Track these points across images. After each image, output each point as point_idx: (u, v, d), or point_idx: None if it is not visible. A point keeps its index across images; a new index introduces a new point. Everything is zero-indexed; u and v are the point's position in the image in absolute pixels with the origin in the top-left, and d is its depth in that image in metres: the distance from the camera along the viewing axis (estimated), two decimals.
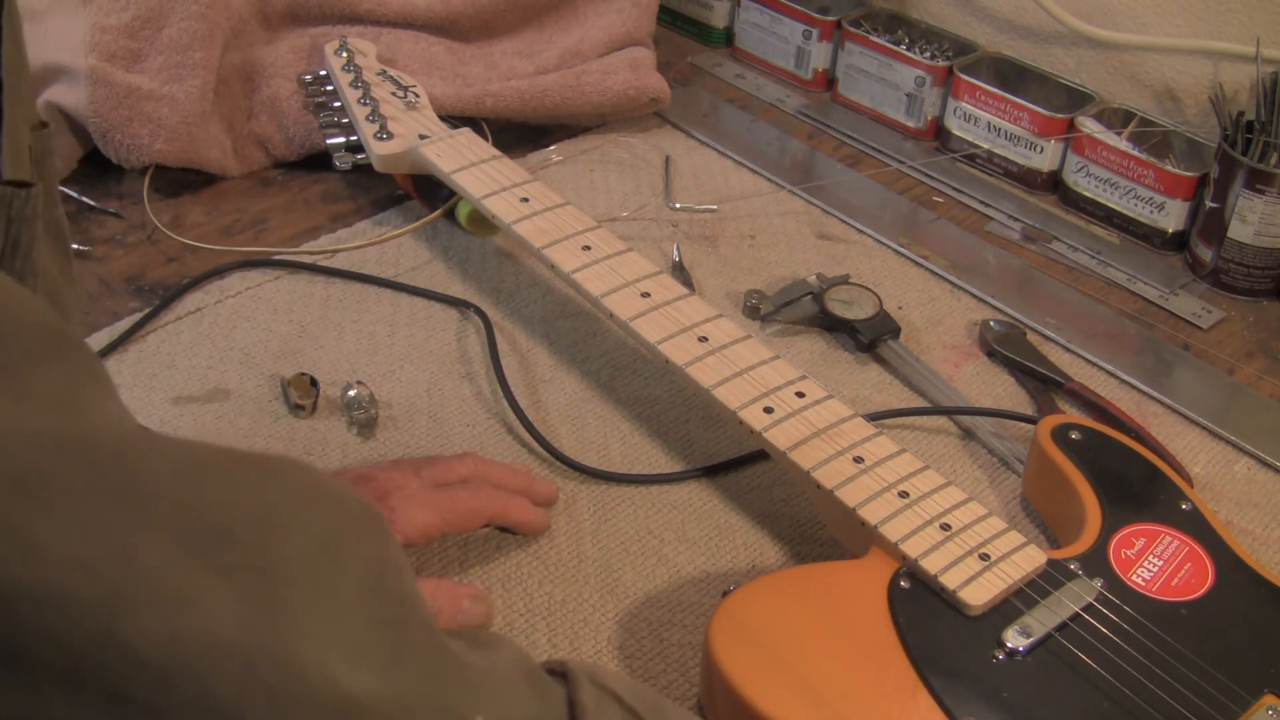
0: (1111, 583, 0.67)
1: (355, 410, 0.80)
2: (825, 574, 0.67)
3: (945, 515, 0.67)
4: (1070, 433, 0.75)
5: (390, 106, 0.97)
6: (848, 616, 0.63)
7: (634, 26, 1.14)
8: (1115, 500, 0.71)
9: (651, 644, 0.69)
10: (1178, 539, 0.70)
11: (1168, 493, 0.73)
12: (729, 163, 1.09)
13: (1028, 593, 0.65)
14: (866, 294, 0.91)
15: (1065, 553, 0.68)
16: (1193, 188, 0.99)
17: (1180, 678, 0.62)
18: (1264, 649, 0.64)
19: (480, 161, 0.90)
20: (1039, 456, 0.76)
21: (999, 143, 1.09)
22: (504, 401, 0.81)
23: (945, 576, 0.64)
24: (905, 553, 0.65)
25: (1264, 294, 0.98)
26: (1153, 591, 0.67)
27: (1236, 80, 1.03)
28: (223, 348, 0.85)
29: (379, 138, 0.94)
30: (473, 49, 1.14)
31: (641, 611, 0.70)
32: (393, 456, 0.78)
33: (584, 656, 0.67)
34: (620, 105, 1.09)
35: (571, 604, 0.70)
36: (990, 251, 1.01)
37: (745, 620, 0.62)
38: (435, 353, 0.86)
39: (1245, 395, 0.89)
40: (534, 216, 0.84)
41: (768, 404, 0.72)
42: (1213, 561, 0.69)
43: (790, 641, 0.61)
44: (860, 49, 1.15)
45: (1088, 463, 0.73)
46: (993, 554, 0.66)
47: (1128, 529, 0.70)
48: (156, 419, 0.79)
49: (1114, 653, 0.63)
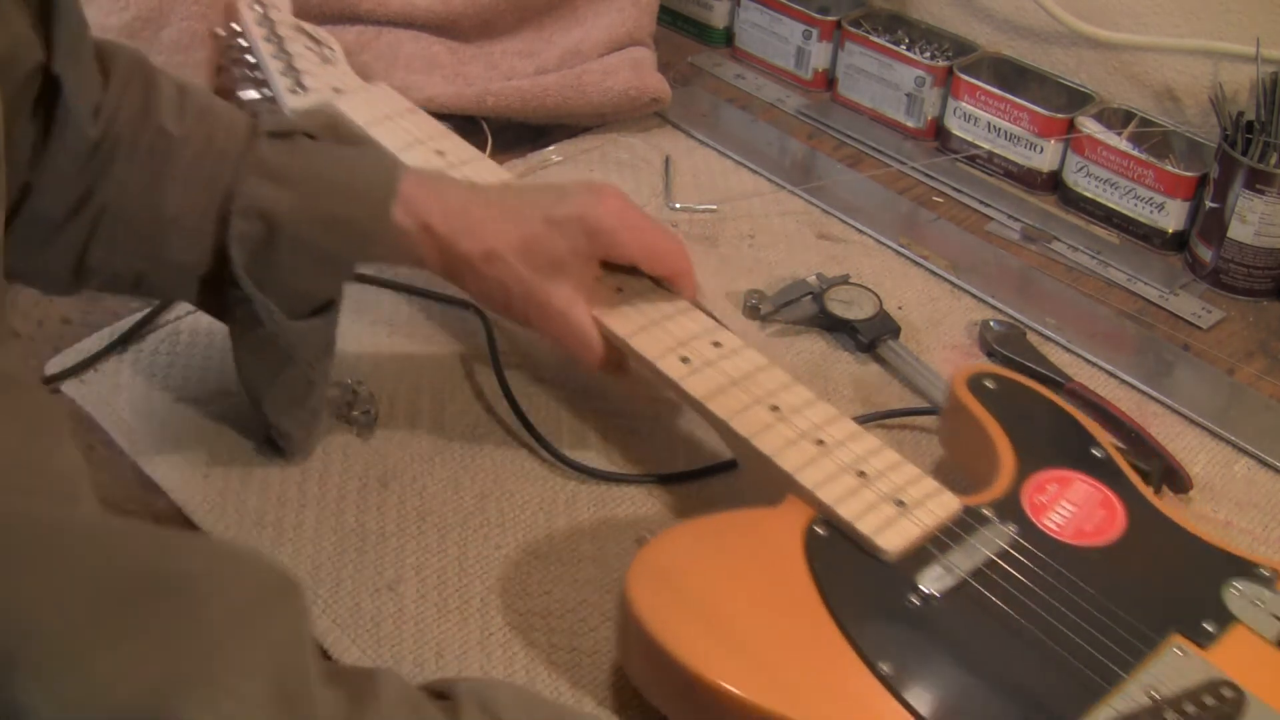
0: (1025, 528, 0.67)
1: (355, 410, 0.80)
2: (742, 521, 0.67)
3: (861, 462, 0.68)
4: (985, 381, 0.76)
5: (305, 61, 0.96)
6: (764, 563, 0.64)
7: (634, 26, 1.14)
8: (1029, 447, 0.72)
9: None
10: (1090, 485, 0.71)
11: (1081, 440, 0.73)
12: (729, 163, 1.09)
13: (942, 539, 0.66)
14: (866, 294, 0.91)
15: (980, 499, 0.69)
16: (1193, 188, 0.99)
17: (1091, 620, 0.63)
18: (1173, 592, 0.65)
19: (395, 115, 0.90)
20: (954, 405, 0.76)
21: (999, 143, 1.09)
22: (504, 401, 0.81)
23: (861, 522, 0.65)
24: (821, 499, 0.66)
25: (1264, 294, 0.98)
26: (1065, 536, 0.67)
27: (1236, 80, 1.03)
28: (223, 348, 0.84)
29: (293, 91, 0.93)
30: (473, 49, 1.14)
31: None
32: (392, 456, 0.78)
33: (582, 657, 0.67)
34: (621, 105, 1.09)
35: (571, 604, 0.70)
36: (990, 251, 1.01)
37: (662, 568, 0.63)
38: (435, 353, 0.86)
39: (1245, 395, 0.89)
40: (449, 171, 0.85)
41: (684, 354, 0.73)
42: (1125, 507, 0.70)
43: (706, 588, 0.62)
44: (860, 49, 1.15)
45: (1002, 411, 0.74)
46: (908, 500, 0.66)
47: (1041, 475, 0.70)
48: (157, 419, 0.79)
49: (1027, 596, 0.64)
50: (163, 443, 0.77)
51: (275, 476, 0.76)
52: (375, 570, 0.71)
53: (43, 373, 0.81)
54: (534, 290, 0.73)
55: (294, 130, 0.71)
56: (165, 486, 0.75)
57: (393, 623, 0.68)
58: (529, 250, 0.73)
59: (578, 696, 0.65)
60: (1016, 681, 0.60)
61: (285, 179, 0.69)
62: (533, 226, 0.73)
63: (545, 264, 0.73)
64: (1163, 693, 0.60)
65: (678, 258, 0.77)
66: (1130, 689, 0.60)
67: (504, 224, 0.73)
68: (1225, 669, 0.61)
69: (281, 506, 0.74)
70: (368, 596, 0.69)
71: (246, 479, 0.76)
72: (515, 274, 0.73)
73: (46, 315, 0.86)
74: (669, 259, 0.77)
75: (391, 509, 0.74)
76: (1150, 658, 0.61)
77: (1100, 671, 0.60)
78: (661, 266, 0.77)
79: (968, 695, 0.59)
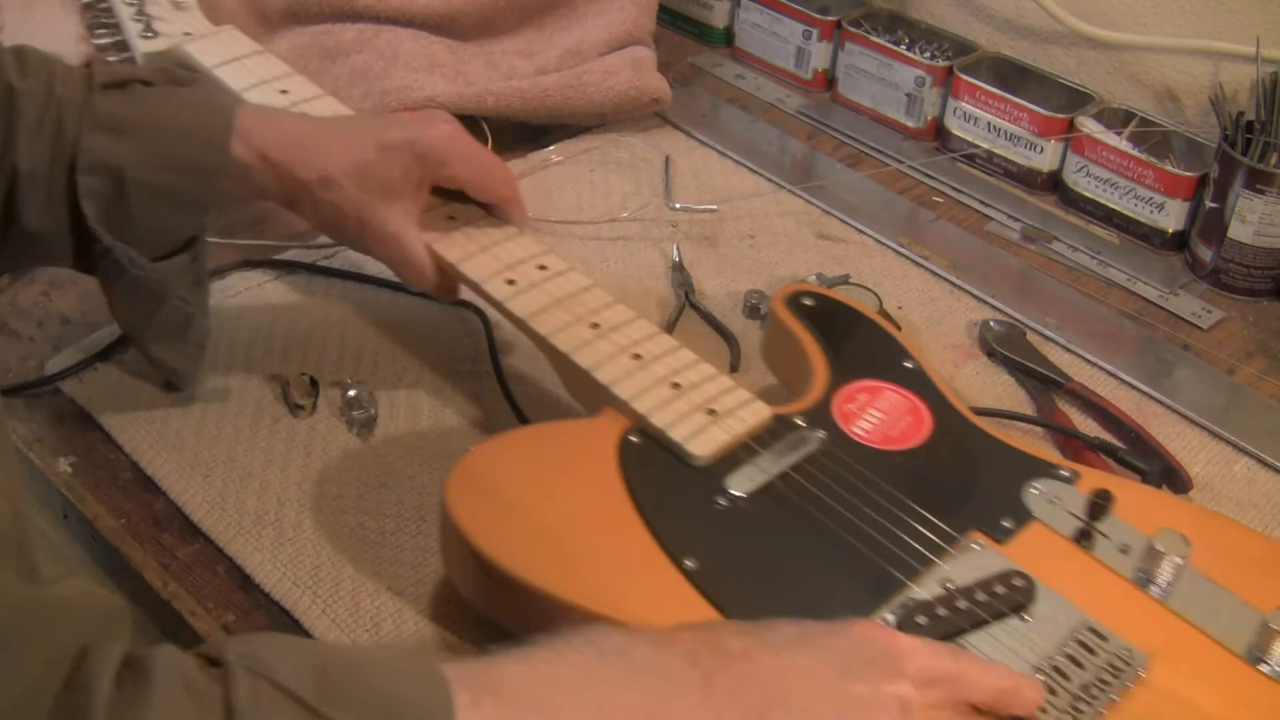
0: (833, 434, 0.71)
1: (355, 410, 0.80)
2: (559, 431, 0.72)
3: (676, 375, 0.71)
4: (803, 299, 0.80)
5: (156, 7, 1.00)
6: (579, 469, 0.67)
7: (634, 25, 1.14)
8: (842, 361, 0.76)
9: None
10: (899, 394, 0.74)
11: (892, 353, 0.78)
12: (729, 163, 1.09)
13: (752, 445, 0.69)
14: (866, 294, 0.91)
15: (791, 408, 0.72)
16: (1193, 188, 0.99)
17: (893, 519, 0.66)
18: (975, 492, 0.69)
19: (242, 56, 0.93)
20: (774, 323, 0.80)
21: (999, 143, 1.09)
22: (504, 401, 0.81)
23: (672, 430, 0.68)
24: (635, 409, 0.69)
25: (1264, 294, 0.98)
26: (872, 441, 0.71)
27: (1236, 80, 1.03)
28: (223, 348, 0.85)
29: (144, 36, 0.96)
30: (473, 48, 1.14)
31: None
32: (392, 456, 0.78)
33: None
34: (621, 105, 1.09)
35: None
36: (990, 251, 1.01)
37: (480, 476, 0.65)
38: (435, 353, 0.86)
39: (1245, 395, 0.89)
40: (293, 109, 0.88)
41: (511, 276, 0.76)
42: (932, 414, 0.73)
43: (523, 494, 0.65)
44: (860, 49, 1.15)
45: (818, 327, 0.78)
46: (720, 409, 0.70)
47: (852, 385, 0.74)
48: (157, 419, 0.79)
49: (832, 498, 0.67)
50: (162, 443, 0.77)
51: (275, 476, 0.76)
52: (375, 570, 0.71)
53: (43, 373, 0.81)
54: (368, 214, 0.76)
55: (129, 79, 0.74)
56: (165, 486, 0.75)
57: (392, 623, 0.68)
58: (363, 175, 0.76)
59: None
60: (816, 575, 0.64)
61: (124, 130, 0.71)
62: (366, 152, 0.76)
63: (378, 188, 0.76)
64: (957, 583, 0.63)
65: (505, 184, 0.81)
66: (927, 581, 0.63)
67: (338, 150, 0.76)
68: (1019, 561, 0.65)
69: (281, 506, 0.74)
70: (367, 596, 0.69)
71: (246, 479, 0.76)
72: (350, 198, 0.75)
73: (46, 315, 0.86)
74: (497, 185, 0.81)
75: (391, 509, 0.74)
76: (949, 553, 0.65)
77: (899, 566, 0.64)
78: (490, 192, 0.81)
79: (768, 588, 0.63)
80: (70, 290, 0.89)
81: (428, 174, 0.78)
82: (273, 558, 0.71)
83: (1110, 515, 0.68)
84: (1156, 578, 0.65)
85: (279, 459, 0.77)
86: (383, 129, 0.78)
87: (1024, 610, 0.63)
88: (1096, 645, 0.61)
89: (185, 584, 0.70)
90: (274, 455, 0.77)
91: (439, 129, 0.78)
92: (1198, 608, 0.64)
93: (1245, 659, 0.62)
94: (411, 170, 0.77)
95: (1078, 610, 0.63)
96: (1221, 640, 0.63)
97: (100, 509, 0.74)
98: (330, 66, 1.07)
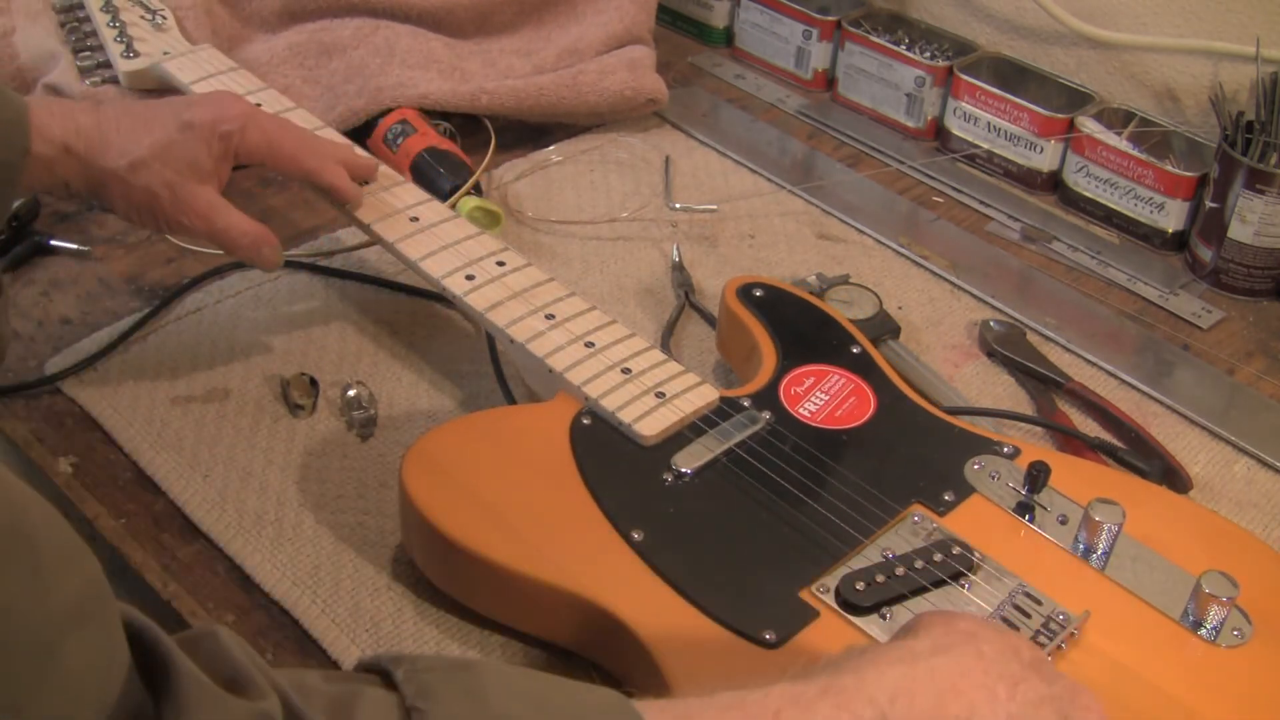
0: (779, 415, 0.74)
1: (355, 410, 0.80)
2: (513, 415, 0.76)
3: (627, 361, 0.74)
4: (754, 290, 0.83)
5: (138, 29, 1.03)
6: (532, 451, 0.70)
7: (633, 23, 1.14)
8: (791, 347, 0.79)
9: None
10: (844, 377, 0.77)
11: (840, 339, 0.81)
12: (729, 163, 1.09)
13: (700, 425, 0.72)
14: (866, 294, 0.91)
15: (738, 391, 0.76)
16: (1193, 188, 0.99)
17: (835, 492, 0.70)
18: (916, 467, 0.72)
19: (218, 73, 0.96)
20: (725, 313, 0.83)
21: (999, 143, 1.09)
22: (504, 401, 0.81)
23: (622, 412, 0.71)
24: (586, 393, 0.72)
25: (1264, 294, 0.98)
26: (817, 421, 0.74)
27: (1236, 80, 1.03)
28: (223, 348, 0.85)
29: (125, 56, 1.00)
30: (471, 45, 1.14)
31: None
32: (392, 456, 0.78)
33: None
34: (617, 106, 1.09)
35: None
36: (990, 251, 1.01)
37: (436, 457, 0.68)
38: (435, 353, 0.86)
39: (1245, 395, 0.89)
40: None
41: (470, 272, 0.79)
42: (876, 396, 0.76)
43: (477, 474, 0.68)
44: (860, 49, 1.15)
45: (767, 315, 0.81)
46: (668, 392, 0.73)
47: (799, 369, 0.77)
48: (157, 419, 0.79)
49: (776, 474, 0.70)
50: (162, 443, 0.77)
51: (275, 476, 0.76)
52: (375, 570, 0.71)
53: (43, 373, 0.81)
54: (181, 192, 0.77)
55: None
56: (165, 486, 0.75)
57: (392, 623, 0.68)
58: (169, 155, 0.77)
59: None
60: (759, 546, 0.67)
61: None
62: (168, 132, 0.77)
63: (186, 167, 0.77)
64: (896, 552, 0.66)
65: (312, 157, 0.81)
66: (868, 550, 0.67)
67: (141, 133, 0.77)
68: (959, 532, 0.68)
69: (281, 506, 0.74)
70: (368, 596, 0.69)
71: (246, 479, 0.76)
72: (162, 178, 0.76)
73: (46, 315, 0.86)
74: (302, 159, 0.81)
75: (391, 509, 0.74)
76: (890, 525, 0.68)
77: (839, 535, 0.67)
78: (293, 165, 0.81)
79: (711, 558, 0.66)
80: (70, 290, 0.89)
81: (229, 150, 0.79)
82: (272, 558, 0.71)
83: (1048, 487, 0.70)
84: (1094, 545, 0.68)
85: (279, 459, 0.77)
86: (181, 109, 0.79)
87: (961, 578, 0.65)
88: (1031, 608, 0.64)
89: (185, 584, 0.70)
90: (274, 455, 0.77)
91: (237, 105, 0.80)
92: (1132, 573, 0.67)
93: (1178, 621, 0.65)
94: (214, 146, 0.78)
95: (1014, 576, 0.66)
96: (1154, 603, 0.66)
97: (100, 509, 0.74)
98: (327, 62, 1.07)
